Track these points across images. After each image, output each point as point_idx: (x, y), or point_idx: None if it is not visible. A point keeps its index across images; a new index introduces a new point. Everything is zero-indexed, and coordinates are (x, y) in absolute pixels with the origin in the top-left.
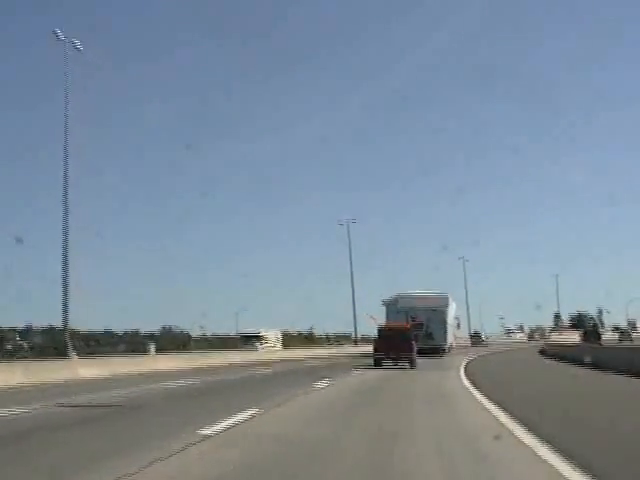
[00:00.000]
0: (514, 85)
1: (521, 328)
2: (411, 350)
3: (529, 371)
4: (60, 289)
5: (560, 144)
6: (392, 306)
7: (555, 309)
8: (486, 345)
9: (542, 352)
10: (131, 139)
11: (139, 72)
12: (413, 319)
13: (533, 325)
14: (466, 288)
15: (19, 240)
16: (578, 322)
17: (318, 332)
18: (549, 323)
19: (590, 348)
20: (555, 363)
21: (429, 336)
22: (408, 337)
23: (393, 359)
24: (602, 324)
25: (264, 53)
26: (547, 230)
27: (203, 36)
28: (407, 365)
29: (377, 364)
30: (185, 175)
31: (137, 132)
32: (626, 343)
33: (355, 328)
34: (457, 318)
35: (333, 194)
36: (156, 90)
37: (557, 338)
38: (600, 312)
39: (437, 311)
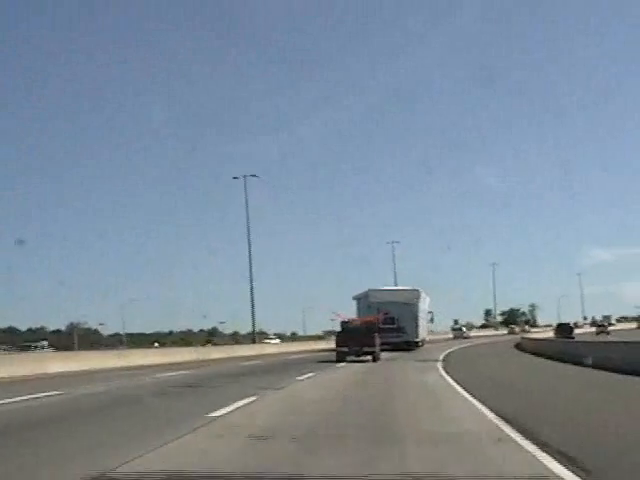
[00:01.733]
0: (514, 85)
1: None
2: (374, 344)
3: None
4: None
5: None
6: (363, 301)
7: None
8: (467, 337)
9: (518, 346)
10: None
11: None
12: (385, 314)
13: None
14: (395, 273)
15: (20, 242)
16: (509, 318)
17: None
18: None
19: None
20: (534, 358)
21: (401, 330)
22: (371, 331)
23: (356, 353)
24: (535, 320)
25: (265, 54)
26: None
27: (205, 38)
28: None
29: (340, 359)
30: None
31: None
32: (603, 336)
33: (253, 324)
34: (430, 312)
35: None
36: (156, 90)
37: (534, 333)
38: (533, 308)
39: (409, 305)
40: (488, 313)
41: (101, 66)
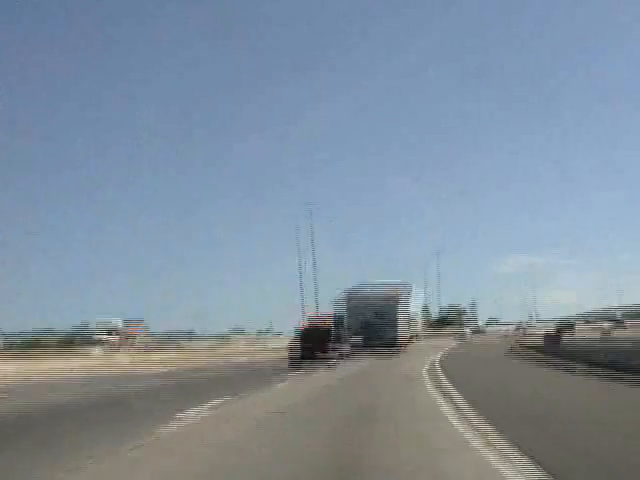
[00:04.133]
0: (511, 84)
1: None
2: (330, 349)
3: None
4: None
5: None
6: (343, 303)
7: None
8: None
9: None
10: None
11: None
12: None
13: None
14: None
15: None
16: (449, 315)
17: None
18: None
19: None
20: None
21: (384, 330)
22: (328, 335)
23: (310, 359)
24: (475, 317)
25: (260, 54)
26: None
27: (199, 37)
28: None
29: (293, 366)
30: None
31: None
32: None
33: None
34: (424, 308)
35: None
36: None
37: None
38: (473, 305)
39: (393, 303)
40: (424, 309)
41: (98, 64)
